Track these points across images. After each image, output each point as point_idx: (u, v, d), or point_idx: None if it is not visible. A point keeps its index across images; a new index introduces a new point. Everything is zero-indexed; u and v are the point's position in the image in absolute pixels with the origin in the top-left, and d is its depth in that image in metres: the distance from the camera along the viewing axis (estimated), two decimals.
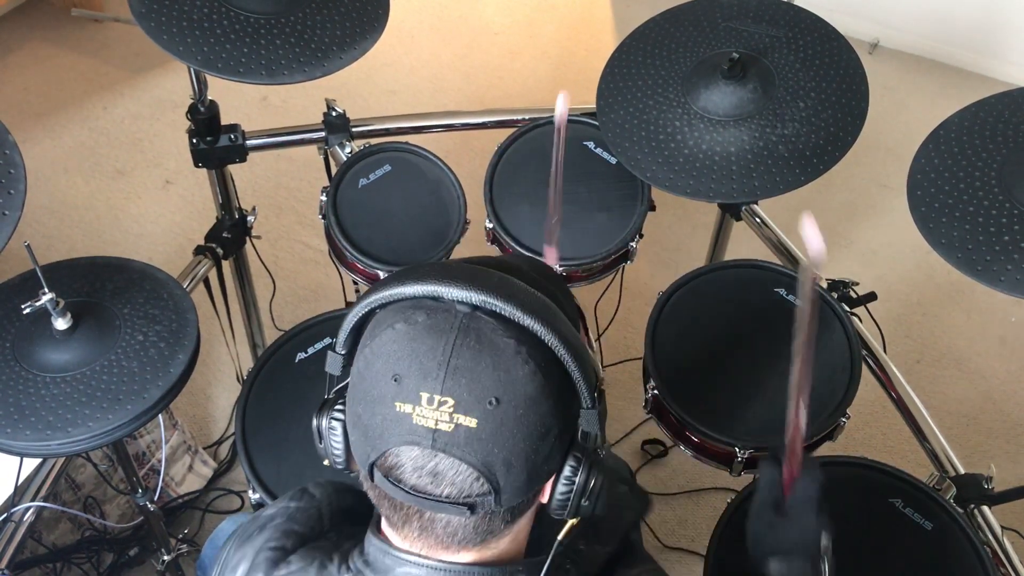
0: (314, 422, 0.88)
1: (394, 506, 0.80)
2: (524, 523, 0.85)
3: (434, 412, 0.74)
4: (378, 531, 0.87)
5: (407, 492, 0.77)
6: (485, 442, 0.74)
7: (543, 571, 0.83)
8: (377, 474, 0.79)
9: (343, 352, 0.86)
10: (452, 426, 0.74)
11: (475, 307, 0.77)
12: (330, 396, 0.88)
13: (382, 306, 0.81)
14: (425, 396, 0.74)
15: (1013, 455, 2.31)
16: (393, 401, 0.75)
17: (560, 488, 0.81)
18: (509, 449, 0.75)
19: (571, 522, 0.84)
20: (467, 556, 0.83)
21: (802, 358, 0.99)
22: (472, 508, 0.77)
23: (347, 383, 0.85)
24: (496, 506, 0.77)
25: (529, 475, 0.78)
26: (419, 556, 0.82)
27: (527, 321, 0.76)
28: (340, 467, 0.87)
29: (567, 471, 0.80)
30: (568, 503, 0.81)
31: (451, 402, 0.74)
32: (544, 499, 0.83)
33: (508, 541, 0.84)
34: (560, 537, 0.84)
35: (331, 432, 0.86)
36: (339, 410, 0.85)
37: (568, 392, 0.79)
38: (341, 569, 0.86)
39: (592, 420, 0.81)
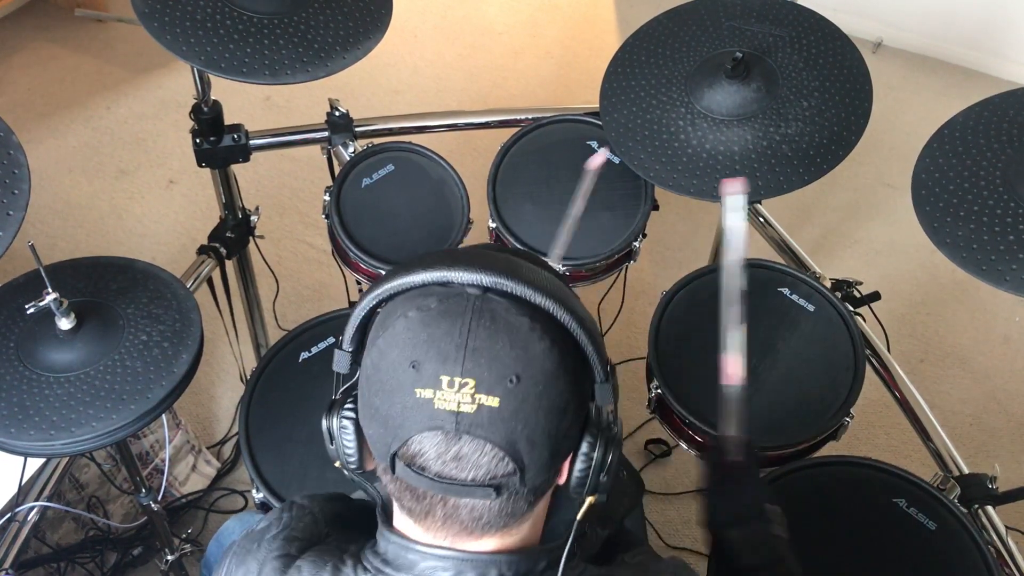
0: (323, 424, 0.87)
1: (416, 496, 0.80)
2: (542, 507, 0.85)
3: (455, 395, 0.74)
4: (391, 528, 0.86)
5: (431, 479, 0.77)
6: (508, 420, 0.75)
7: (564, 553, 0.83)
8: (399, 465, 0.78)
9: (351, 349, 0.86)
10: (475, 407, 0.74)
11: (486, 289, 0.78)
12: (337, 396, 0.87)
13: (389, 297, 0.82)
14: (445, 379, 0.74)
15: (1017, 455, 2.30)
16: (413, 388, 0.75)
17: (578, 465, 0.81)
18: (532, 426, 0.76)
19: (589, 500, 0.84)
20: (490, 543, 0.83)
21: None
22: (498, 490, 0.77)
23: (354, 382, 0.85)
24: (520, 486, 0.78)
25: (551, 452, 0.78)
26: (442, 548, 0.82)
27: (538, 299, 0.77)
28: (353, 467, 0.87)
29: (584, 447, 0.81)
30: (587, 480, 0.82)
31: (472, 383, 0.74)
32: (562, 479, 0.83)
33: (528, 526, 0.85)
34: (579, 516, 0.84)
35: (343, 431, 0.85)
36: (349, 409, 0.85)
37: (582, 367, 0.80)
38: (357, 569, 0.85)
39: (606, 394, 0.82)
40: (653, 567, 0.91)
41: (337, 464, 0.89)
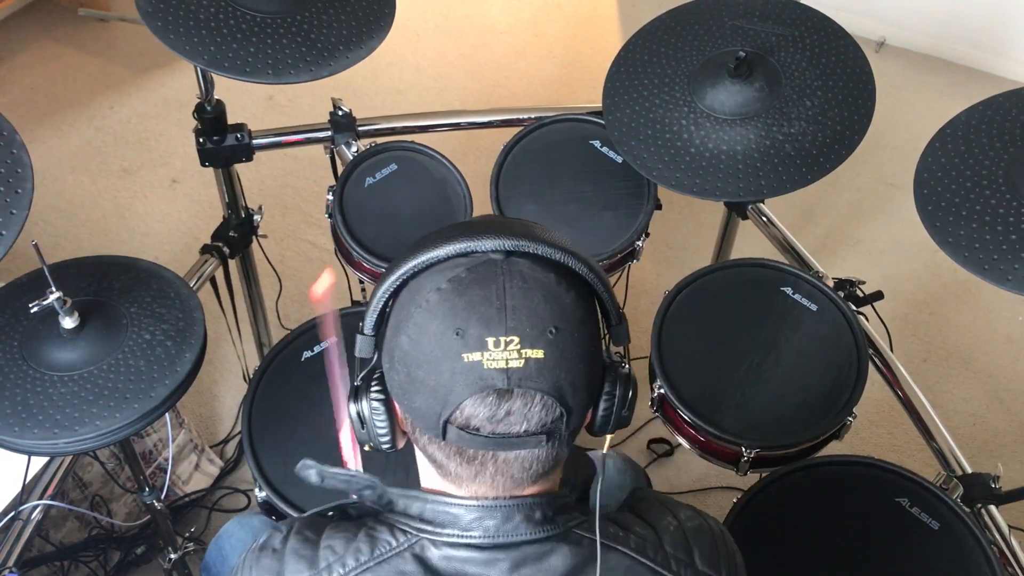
0: (352, 408, 0.90)
1: (467, 459, 0.83)
2: (568, 451, 0.90)
3: (503, 353, 0.78)
4: (429, 490, 0.89)
5: (486, 438, 0.80)
6: (553, 369, 0.79)
7: (599, 483, 0.90)
8: (451, 430, 0.81)
9: (372, 333, 0.89)
10: (522, 361, 0.78)
11: (509, 252, 0.83)
12: (359, 382, 0.90)
13: (413, 275, 0.85)
14: (491, 340, 0.78)
15: (1020, 454, 2.30)
16: (460, 354, 0.79)
17: (603, 404, 0.87)
18: (573, 371, 0.81)
19: (610, 437, 0.90)
20: (533, 489, 0.87)
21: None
22: (549, 435, 0.81)
23: (374, 365, 0.89)
24: (566, 430, 0.83)
25: (588, 393, 0.85)
26: (488, 499, 0.86)
27: (558, 255, 0.83)
28: (386, 447, 0.90)
29: (607, 387, 0.87)
30: (611, 416, 0.88)
31: (517, 339, 0.78)
32: (587, 421, 0.88)
33: (559, 471, 0.91)
34: (606, 449, 0.92)
35: (375, 414, 0.88)
36: (377, 390, 0.88)
37: (597, 314, 0.87)
38: (395, 533, 0.87)
39: (622, 334, 0.90)
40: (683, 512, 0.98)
41: (367, 448, 0.92)
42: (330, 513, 0.97)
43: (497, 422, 0.79)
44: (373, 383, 0.88)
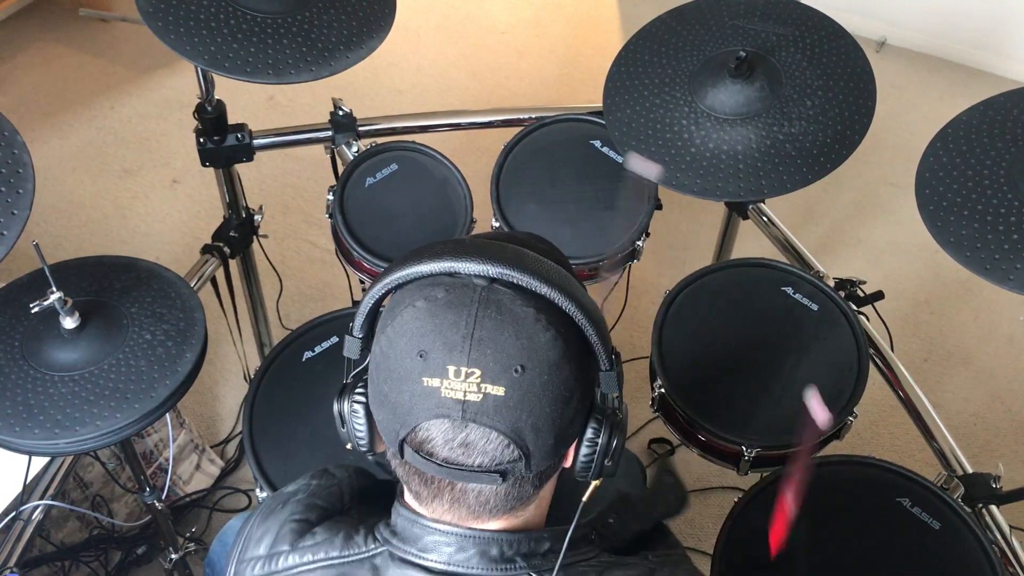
0: (335, 407, 0.90)
1: (424, 481, 0.82)
2: (548, 490, 0.88)
3: (462, 384, 0.76)
4: (402, 502, 0.89)
5: (439, 465, 0.79)
6: (513, 409, 0.77)
7: (567, 536, 0.85)
8: (407, 450, 0.80)
9: (361, 336, 0.88)
10: (480, 396, 0.76)
11: (492, 279, 0.79)
12: (348, 380, 0.89)
13: (399, 286, 0.83)
14: (452, 369, 0.76)
15: (1021, 454, 2.30)
16: (420, 376, 0.77)
17: (583, 450, 0.83)
18: (537, 414, 0.77)
19: (594, 484, 0.87)
20: (496, 524, 0.85)
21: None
22: (504, 475, 0.79)
23: (365, 367, 0.88)
24: (526, 471, 0.80)
25: (556, 438, 0.80)
26: (448, 524, 0.84)
27: (544, 289, 0.79)
28: (364, 449, 0.89)
29: (589, 433, 0.83)
30: (592, 464, 0.84)
31: (478, 372, 0.76)
32: (568, 463, 0.85)
33: (533, 508, 0.87)
34: (584, 499, 0.87)
35: (353, 415, 0.87)
36: (360, 393, 0.87)
37: (586, 356, 0.82)
38: (368, 540, 0.88)
39: (611, 381, 0.84)
40: (663, 570, 0.91)
41: (349, 446, 0.91)
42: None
43: (451, 450, 0.78)
44: (359, 385, 0.87)
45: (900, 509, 1.37)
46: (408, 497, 0.88)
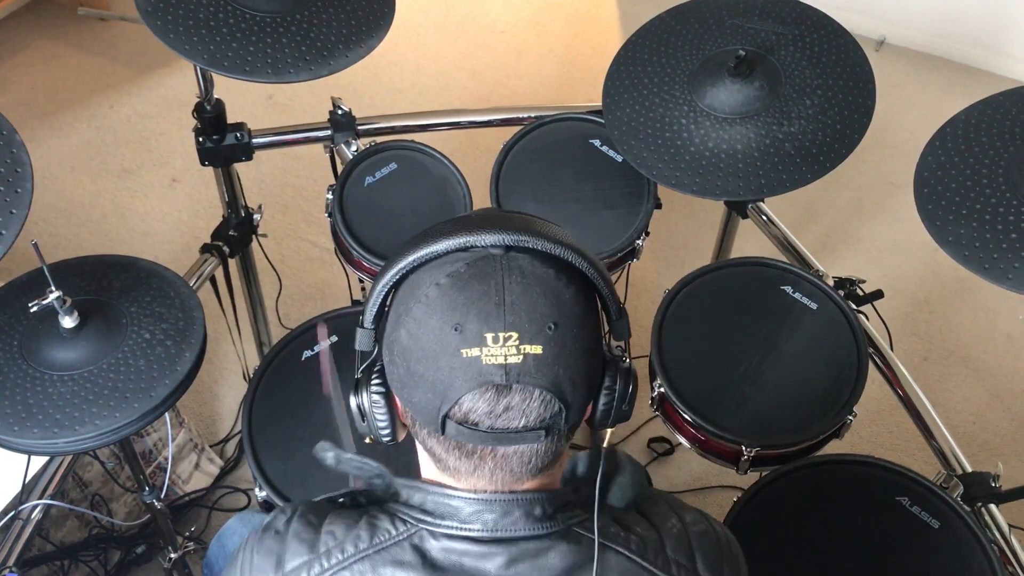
0: (352, 401, 0.90)
1: (466, 453, 0.83)
2: (567, 446, 0.90)
3: (501, 348, 0.78)
4: (428, 481, 0.89)
5: (485, 432, 0.80)
6: (552, 365, 0.80)
7: (597, 484, 0.88)
8: (450, 425, 0.81)
9: (372, 327, 0.89)
10: (521, 357, 0.78)
11: (509, 247, 0.82)
12: (359, 375, 0.90)
13: (412, 270, 0.85)
14: (490, 336, 0.78)
15: (1020, 453, 2.30)
16: (459, 350, 0.79)
17: (602, 399, 0.87)
18: (572, 367, 0.81)
19: (610, 431, 0.91)
20: (532, 484, 0.87)
21: None
22: (548, 431, 0.82)
23: (375, 358, 0.89)
24: (565, 425, 0.83)
25: (588, 389, 0.85)
26: (487, 492, 0.86)
27: (558, 250, 0.82)
28: (387, 439, 0.91)
29: (607, 381, 0.87)
30: (611, 410, 0.88)
31: (515, 335, 0.79)
32: (586, 415, 0.88)
33: (558, 465, 0.90)
34: (605, 444, 0.92)
35: (375, 407, 0.88)
36: (377, 383, 0.88)
37: (597, 309, 0.87)
38: (395, 522, 0.87)
39: (623, 329, 0.89)
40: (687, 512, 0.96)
41: (368, 440, 0.92)
42: (340, 500, 0.97)
43: (496, 417, 0.80)
44: (374, 376, 0.88)
45: (899, 508, 1.37)
46: (434, 474, 0.89)
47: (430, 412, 0.82)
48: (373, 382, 0.88)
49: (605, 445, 0.93)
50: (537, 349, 0.79)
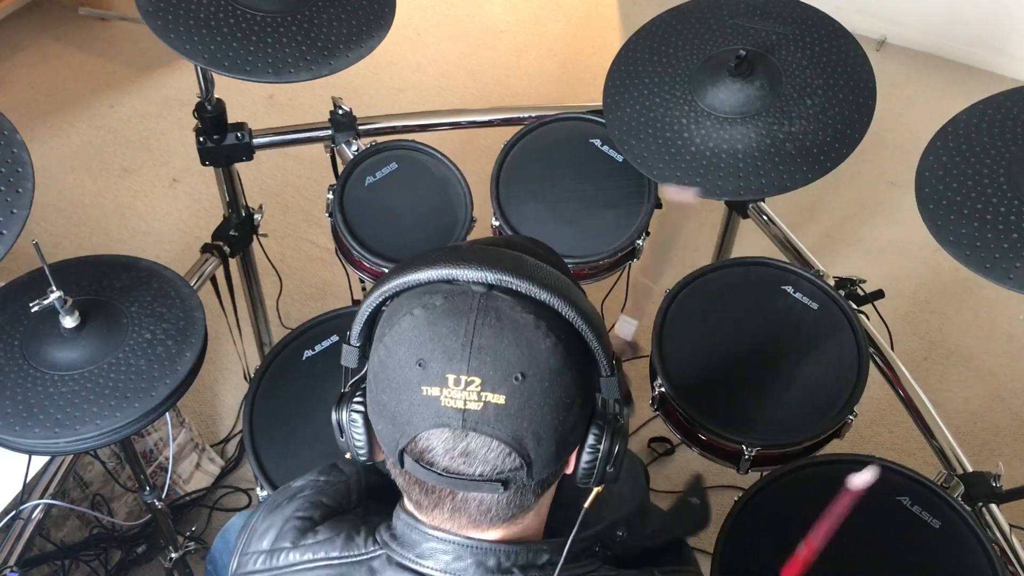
0: (333, 416, 0.88)
1: (425, 490, 0.81)
2: (548, 497, 0.87)
3: (462, 392, 0.75)
4: (404, 507, 0.88)
5: (439, 475, 0.78)
6: (514, 417, 0.76)
7: (565, 549, 0.84)
8: (407, 460, 0.79)
9: (358, 344, 0.87)
10: (481, 404, 0.75)
11: (491, 286, 0.78)
12: (346, 390, 0.88)
13: (396, 294, 0.82)
14: (452, 377, 0.75)
15: (1021, 453, 2.30)
16: (419, 386, 0.76)
17: (585, 457, 0.83)
18: (538, 422, 0.77)
19: (596, 490, 0.86)
20: (495, 534, 0.84)
21: None
22: (505, 484, 0.78)
23: (363, 375, 0.87)
24: (528, 479, 0.79)
25: (557, 446, 0.79)
26: (446, 532, 0.84)
27: (543, 296, 0.78)
28: (363, 459, 0.88)
29: (591, 439, 0.82)
30: (593, 470, 0.83)
31: (478, 381, 0.75)
32: (569, 470, 0.84)
33: (533, 515, 0.86)
34: (586, 505, 0.86)
35: (352, 425, 0.86)
36: (358, 402, 0.86)
37: (587, 362, 0.81)
38: (368, 542, 0.87)
39: (612, 387, 0.83)
40: None
41: (348, 456, 0.90)
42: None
43: (452, 459, 0.77)
44: (357, 394, 0.86)
45: (900, 508, 1.37)
46: (408, 503, 0.88)
47: (390, 444, 0.81)
48: (355, 399, 0.86)
49: (587, 505, 0.87)
50: (500, 399, 0.75)
